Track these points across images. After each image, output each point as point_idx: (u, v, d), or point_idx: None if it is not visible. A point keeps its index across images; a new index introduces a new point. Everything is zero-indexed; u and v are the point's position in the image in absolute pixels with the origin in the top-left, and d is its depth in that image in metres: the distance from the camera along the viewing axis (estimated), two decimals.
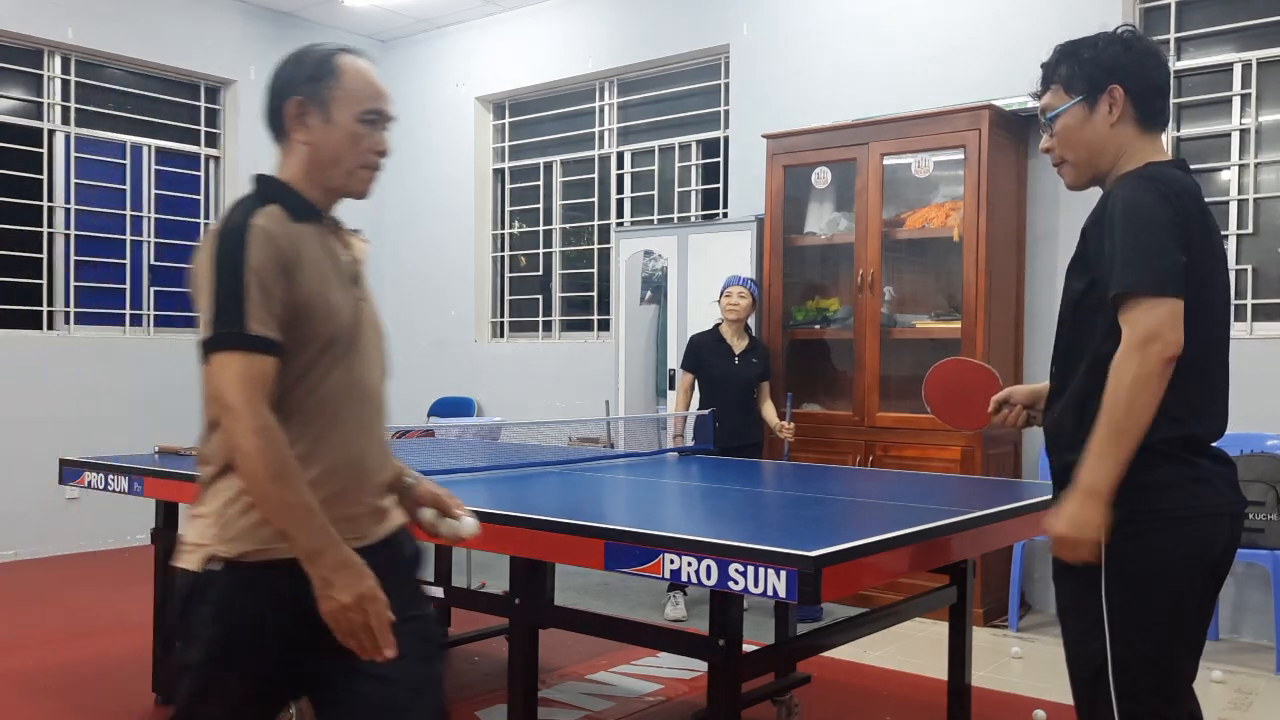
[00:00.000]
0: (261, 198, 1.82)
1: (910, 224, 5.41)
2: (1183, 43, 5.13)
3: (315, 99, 1.85)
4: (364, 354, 1.89)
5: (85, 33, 6.78)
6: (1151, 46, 2.09)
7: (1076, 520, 1.90)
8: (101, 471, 3.66)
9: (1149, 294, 1.85)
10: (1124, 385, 1.85)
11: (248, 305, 1.64)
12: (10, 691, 3.95)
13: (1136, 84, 2.02)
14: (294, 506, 1.63)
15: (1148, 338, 1.84)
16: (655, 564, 2.20)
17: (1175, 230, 1.89)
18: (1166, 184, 1.94)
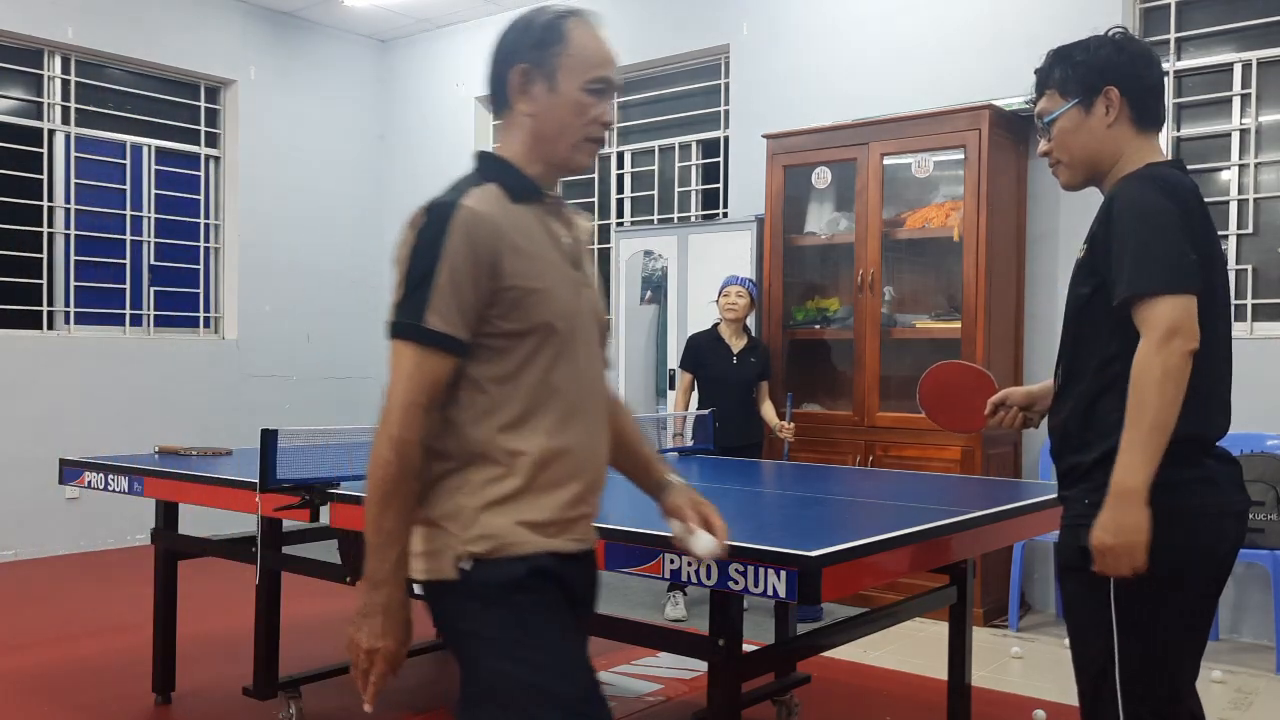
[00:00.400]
0: (480, 176, 1.70)
1: (910, 224, 5.41)
2: (1183, 43, 5.13)
3: (541, 67, 1.70)
4: (588, 344, 1.76)
5: (85, 33, 6.78)
6: (1144, 47, 2.09)
7: (1120, 526, 1.85)
8: (101, 471, 3.66)
9: (1165, 292, 1.85)
10: (1153, 382, 1.83)
11: (432, 297, 1.58)
12: (10, 691, 3.95)
13: (1131, 85, 2.03)
14: (387, 532, 1.60)
15: (1169, 333, 1.83)
16: (655, 564, 2.20)
17: (1183, 228, 1.90)
18: (1167, 183, 1.94)
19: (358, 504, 2.83)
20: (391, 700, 3.89)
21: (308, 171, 7.94)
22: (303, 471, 3.08)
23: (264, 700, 3.51)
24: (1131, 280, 1.88)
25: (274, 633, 3.49)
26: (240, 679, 3.65)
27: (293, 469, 3.06)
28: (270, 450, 2.93)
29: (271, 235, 7.73)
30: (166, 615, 3.84)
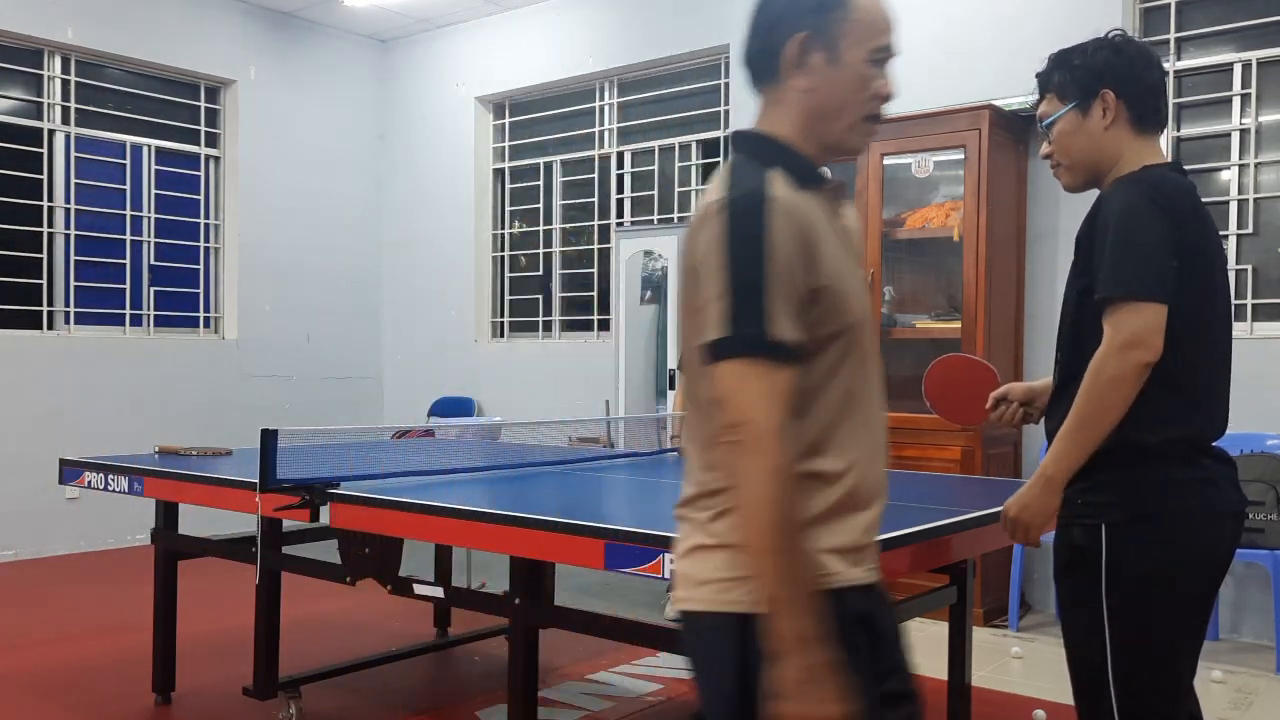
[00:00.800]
0: (761, 161, 1.48)
1: (910, 224, 5.41)
2: (1183, 43, 5.13)
3: (822, 34, 1.48)
4: (873, 346, 1.60)
5: (85, 33, 6.78)
6: (1143, 49, 2.09)
7: (1029, 505, 1.99)
8: (101, 471, 3.66)
9: (1133, 298, 1.88)
10: (1099, 383, 1.89)
11: (770, 302, 1.37)
12: (10, 691, 3.95)
13: (1128, 87, 2.03)
14: (800, 579, 1.37)
15: (1129, 342, 1.87)
16: (655, 564, 2.20)
17: (1165, 235, 1.90)
18: (1158, 187, 1.95)
19: (358, 504, 2.84)
20: (392, 700, 3.89)
21: (308, 171, 7.94)
22: (303, 471, 3.08)
23: (264, 700, 3.51)
24: (1104, 283, 1.92)
25: (274, 633, 3.49)
26: (240, 679, 3.65)
27: (293, 469, 3.06)
28: (270, 450, 2.93)
29: (271, 235, 7.73)
30: (166, 615, 3.84)
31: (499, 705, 3.63)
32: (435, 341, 8.12)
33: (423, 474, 3.28)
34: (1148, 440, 1.92)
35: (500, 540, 2.50)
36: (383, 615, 4.99)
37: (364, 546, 3.10)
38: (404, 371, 8.36)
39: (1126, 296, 1.89)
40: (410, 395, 8.22)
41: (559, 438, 5.95)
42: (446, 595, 3.07)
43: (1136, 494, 1.93)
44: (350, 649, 4.36)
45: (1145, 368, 1.87)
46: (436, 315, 8.13)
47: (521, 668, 2.75)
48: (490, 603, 2.97)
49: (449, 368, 8.00)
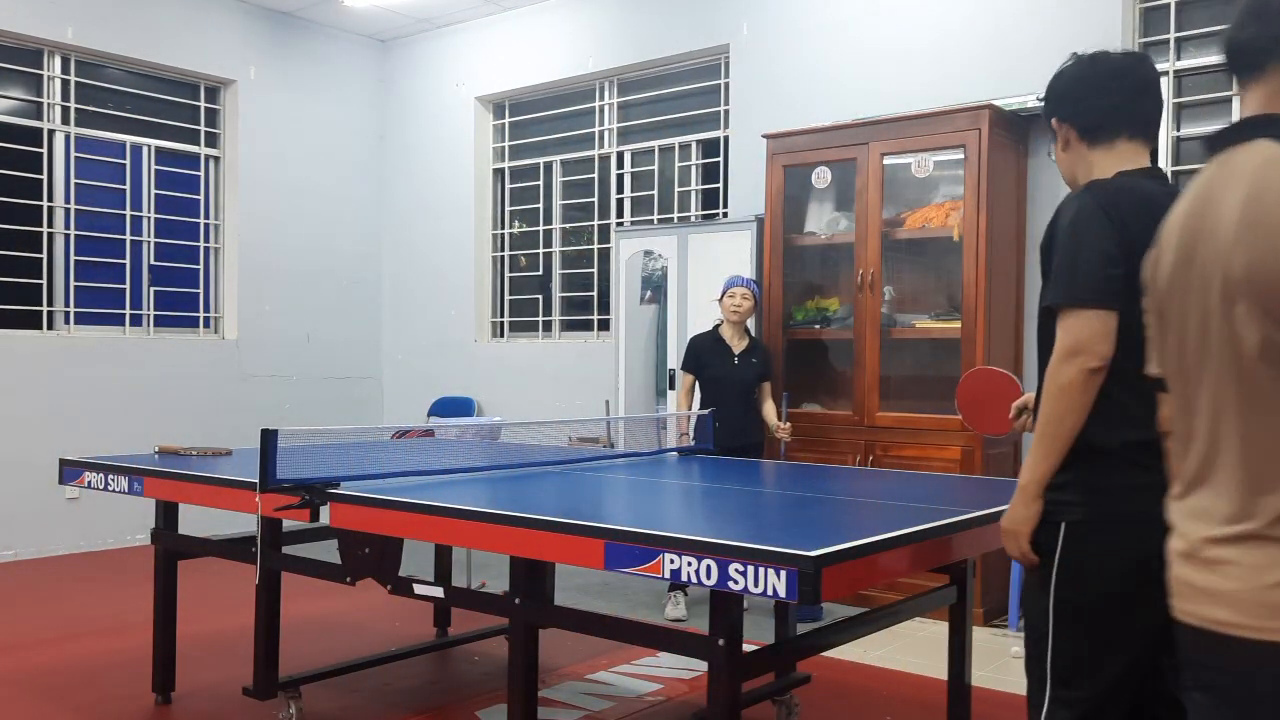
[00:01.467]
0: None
1: (910, 224, 5.41)
2: (1182, 43, 5.13)
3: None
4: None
5: (85, 33, 6.78)
6: (1086, 72, 2.11)
7: (1012, 516, 2.06)
8: (101, 471, 3.67)
9: (1077, 306, 1.94)
10: (1050, 391, 1.96)
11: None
12: (10, 691, 3.95)
13: (1067, 109, 2.13)
14: None
15: (1073, 349, 1.93)
16: (655, 564, 2.20)
17: (1111, 242, 1.93)
18: (1108, 196, 1.99)
19: (357, 504, 2.84)
20: (392, 700, 3.89)
21: (308, 172, 7.94)
22: (302, 471, 3.09)
23: (264, 700, 3.51)
24: (1051, 292, 2.00)
25: (274, 633, 3.49)
26: (240, 679, 3.65)
27: (292, 469, 3.07)
28: (270, 450, 2.93)
29: (271, 235, 7.74)
30: (166, 615, 3.84)
31: (499, 705, 3.63)
32: (435, 341, 8.12)
33: (422, 474, 3.29)
34: (1107, 442, 1.96)
35: (500, 540, 2.50)
36: (383, 615, 4.99)
37: (364, 546, 3.10)
38: (404, 371, 8.36)
39: (1070, 304, 1.95)
40: (410, 395, 8.22)
41: (559, 438, 5.95)
42: (446, 595, 3.07)
43: (1096, 495, 1.97)
44: (350, 649, 4.36)
45: (1091, 373, 1.92)
46: (436, 315, 8.13)
47: (521, 667, 2.75)
48: (490, 602, 2.97)
49: (449, 368, 8.00)
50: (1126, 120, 2.09)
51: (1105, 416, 1.96)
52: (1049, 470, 1.99)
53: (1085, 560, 1.98)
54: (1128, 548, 1.94)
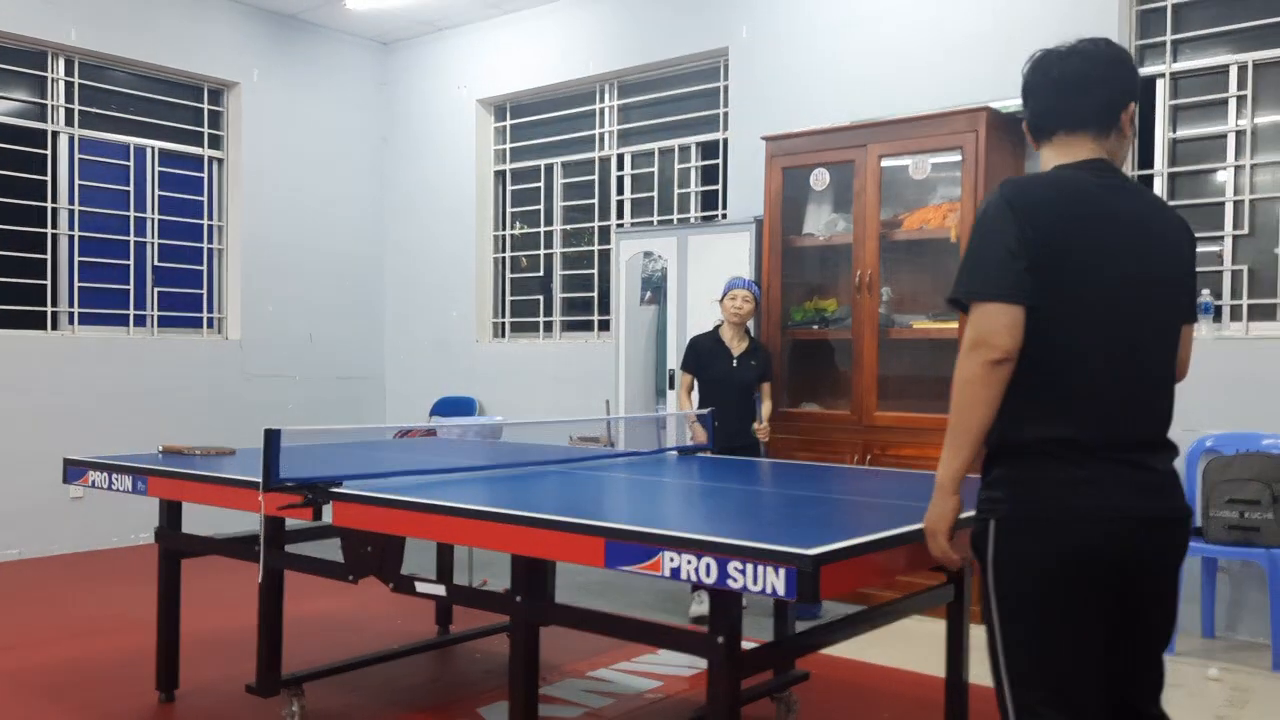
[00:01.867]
0: None
1: (908, 225, 5.43)
2: (1179, 44, 5.16)
3: None
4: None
5: (89, 35, 6.81)
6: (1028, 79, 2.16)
7: (929, 514, 2.08)
8: (105, 471, 3.69)
9: (977, 299, 1.96)
10: (955, 387, 1.99)
11: None
12: (14, 690, 3.97)
13: (1025, 112, 2.18)
14: None
15: (974, 342, 1.95)
16: (655, 562, 2.22)
17: (1008, 237, 1.95)
18: (1019, 187, 2.01)
19: (360, 503, 2.86)
20: (394, 698, 3.92)
21: (310, 173, 7.97)
22: (305, 471, 3.11)
23: (267, 698, 3.53)
24: (954, 286, 2.02)
25: (277, 631, 3.51)
26: (243, 677, 3.67)
27: (295, 468, 3.09)
28: (273, 449, 2.95)
29: (274, 236, 7.76)
30: (170, 614, 3.86)
31: (500, 702, 3.65)
32: (437, 341, 8.15)
33: (424, 473, 3.31)
34: (1022, 438, 1.98)
35: (501, 538, 2.52)
36: (385, 613, 5.01)
37: (366, 545, 3.12)
38: (406, 371, 8.38)
39: (970, 298, 1.97)
40: (412, 395, 8.25)
41: (559, 437, 5.97)
42: (448, 593, 3.09)
43: (1017, 491, 1.99)
44: (353, 647, 4.38)
45: (991, 365, 1.93)
46: (438, 315, 8.15)
47: (522, 665, 2.77)
48: (491, 600, 2.99)
49: (450, 368, 8.03)
50: (1061, 118, 2.11)
51: (1017, 412, 1.97)
52: (961, 466, 2.01)
53: (1016, 557, 1.98)
54: (1053, 542, 1.93)
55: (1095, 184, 2.04)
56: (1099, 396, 1.97)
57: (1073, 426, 1.95)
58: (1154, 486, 1.99)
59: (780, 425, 5.70)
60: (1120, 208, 2.03)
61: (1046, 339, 1.94)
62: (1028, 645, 1.97)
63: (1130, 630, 2.04)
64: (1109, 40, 2.17)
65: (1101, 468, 1.94)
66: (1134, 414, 2.00)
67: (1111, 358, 1.97)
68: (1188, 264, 2.14)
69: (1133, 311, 2.00)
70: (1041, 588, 1.95)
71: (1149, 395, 2.03)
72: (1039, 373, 1.95)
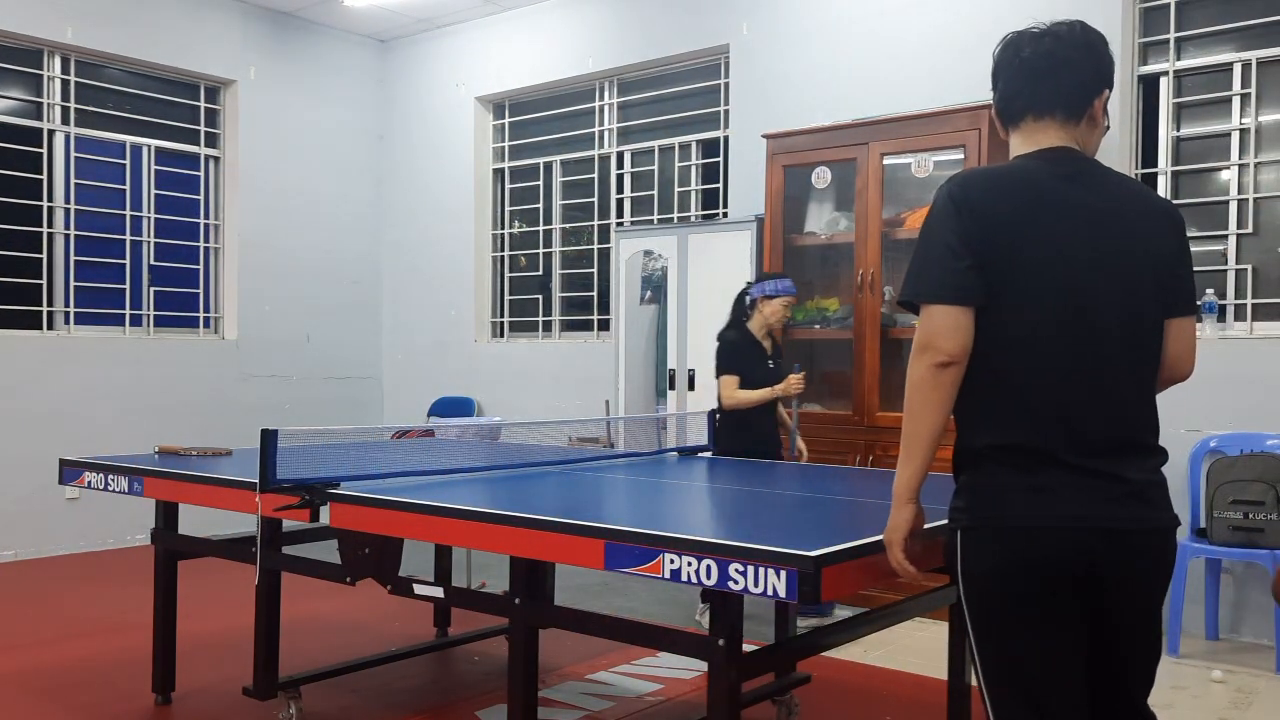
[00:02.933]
0: None
1: (910, 224, 5.41)
2: (1182, 42, 5.13)
3: None
4: None
5: (85, 33, 6.78)
6: (999, 58, 2.15)
7: (888, 523, 2.03)
8: (101, 472, 3.67)
9: (923, 302, 1.91)
10: (906, 393, 1.94)
11: None
12: (10, 691, 3.95)
13: (993, 95, 2.15)
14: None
15: (920, 345, 1.90)
16: (655, 564, 2.20)
17: (951, 235, 1.88)
18: (963, 185, 1.95)
19: (357, 504, 2.84)
20: (392, 700, 3.89)
21: (308, 172, 7.94)
22: (302, 471, 3.09)
23: (264, 700, 3.51)
24: (902, 289, 1.97)
25: (274, 633, 3.49)
26: (240, 679, 3.65)
27: (292, 469, 3.07)
28: (270, 450, 2.93)
29: (271, 235, 7.74)
30: (166, 615, 3.84)
31: (499, 705, 3.63)
32: (435, 341, 8.12)
33: (423, 474, 3.29)
34: (977, 445, 1.94)
35: (500, 540, 2.50)
36: (382, 615, 4.99)
37: (364, 546, 3.10)
38: (404, 371, 8.36)
39: (916, 300, 1.92)
40: (410, 395, 8.22)
41: (559, 438, 5.95)
42: (446, 595, 3.07)
43: (976, 500, 1.95)
44: (350, 649, 4.36)
45: (938, 369, 1.88)
46: (436, 315, 8.13)
47: (521, 667, 2.75)
48: (490, 602, 2.97)
49: (449, 367, 8.01)
50: (1028, 101, 2.06)
51: (971, 420, 1.94)
52: (914, 473, 1.96)
53: (980, 567, 1.93)
54: (1012, 552, 1.88)
55: (1050, 174, 1.96)
56: (1057, 399, 1.87)
57: (1028, 431, 1.88)
58: (1122, 495, 1.87)
59: None
60: (1078, 198, 1.93)
61: (999, 340, 1.87)
62: (998, 653, 1.94)
63: (1109, 643, 1.97)
64: (1085, 24, 2.08)
65: (1060, 475, 1.86)
66: (1099, 417, 1.88)
67: (1071, 358, 1.87)
68: (1171, 254, 1.97)
69: (1094, 308, 1.88)
70: (1006, 599, 1.90)
71: (1119, 397, 1.90)
72: (993, 376, 1.89)
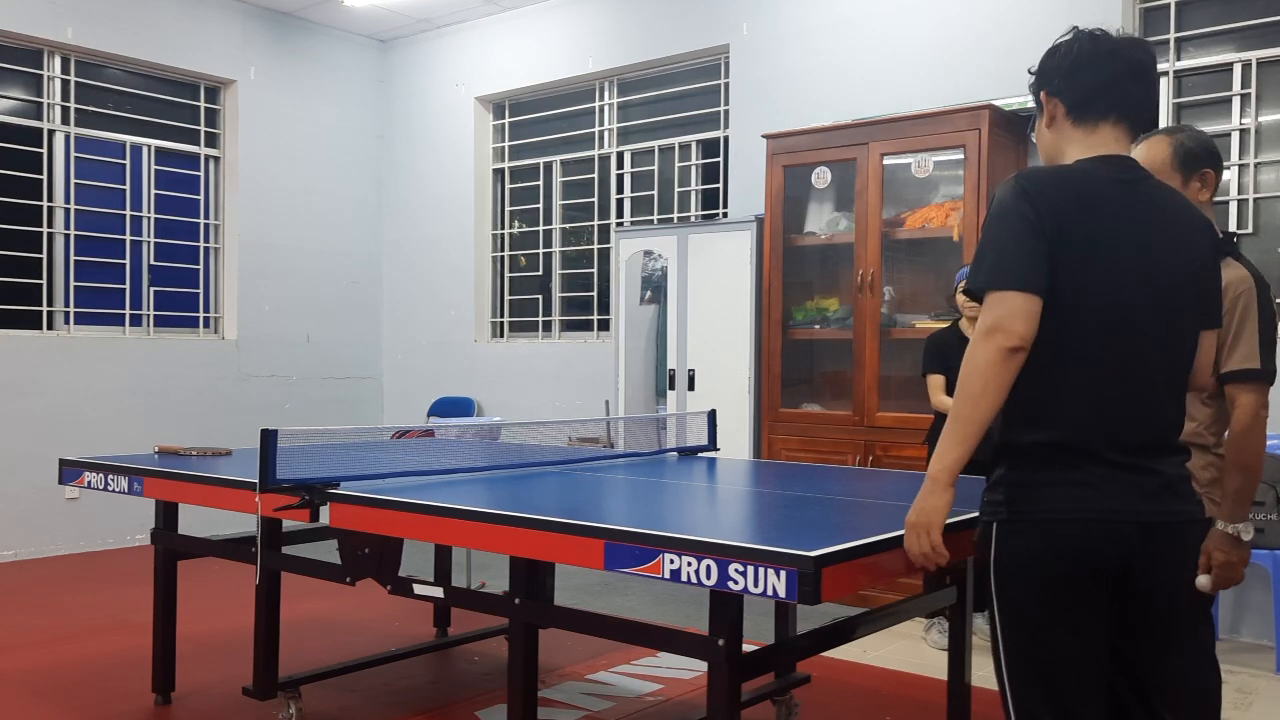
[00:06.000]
0: None
1: (910, 224, 5.41)
2: (1183, 42, 5.13)
3: None
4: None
5: (85, 33, 6.78)
6: (1084, 44, 2.07)
7: (919, 507, 1.98)
8: (101, 472, 3.66)
9: (991, 287, 1.92)
10: (966, 375, 1.91)
11: None
12: (10, 691, 3.95)
13: (1058, 85, 2.06)
14: None
15: (989, 329, 1.89)
16: (655, 564, 2.20)
17: (1025, 226, 1.91)
18: (1033, 177, 1.96)
19: (357, 504, 2.83)
20: (392, 700, 3.89)
21: (308, 172, 7.94)
22: (302, 471, 3.08)
23: (264, 700, 3.51)
24: (970, 276, 1.99)
25: (274, 633, 3.49)
26: (240, 679, 3.65)
27: (292, 469, 3.06)
28: (270, 450, 2.93)
29: (271, 235, 7.73)
30: (166, 615, 3.84)
31: (499, 705, 3.63)
32: (435, 341, 8.12)
33: (422, 474, 3.28)
34: (1023, 440, 1.95)
35: (500, 540, 2.50)
36: (382, 615, 4.99)
37: (364, 546, 3.10)
38: (404, 371, 8.36)
39: (986, 287, 1.93)
40: (410, 395, 8.22)
41: (559, 438, 5.95)
42: (446, 595, 3.07)
43: (1016, 494, 1.95)
44: (350, 649, 4.36)
45: (1008, 353, 1.88)
46: (436, 315, 8.13)
47: (521, 667, 2.75)
48: (490, 602, 2.97)
49: (449, 368, 8.00)
50: (1117, 102, 2.03)
51: (1018, 413, 1.95)
52: (960, 458, 1.93)
53: (1015, 560, 1.95)
54: (1050, 546, 1.91)
55: (1110, 179, 1.98)
56: (1101, 396, 1.92)
57: (1072, 427, 1.92)
58: (1156, 490, 1.94)
59: (781, 425, 5.69)
60: (1133, 205, 1.97)
61: (1050, 335, 1.91)
62: (1027, 649, 1.95)
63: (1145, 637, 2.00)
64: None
65: (1101, 471, 1.91)
66: (1139, 415, 1.94)
67: (1116, 357, 1.93)
68: (1207, 268, 2.06)
69: (1140, 311, 1.95)
70: (1040, 592, 1.93)
71: (1156, 397, 1.97)
72: (1041, 370, 1.92)
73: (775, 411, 5.70)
